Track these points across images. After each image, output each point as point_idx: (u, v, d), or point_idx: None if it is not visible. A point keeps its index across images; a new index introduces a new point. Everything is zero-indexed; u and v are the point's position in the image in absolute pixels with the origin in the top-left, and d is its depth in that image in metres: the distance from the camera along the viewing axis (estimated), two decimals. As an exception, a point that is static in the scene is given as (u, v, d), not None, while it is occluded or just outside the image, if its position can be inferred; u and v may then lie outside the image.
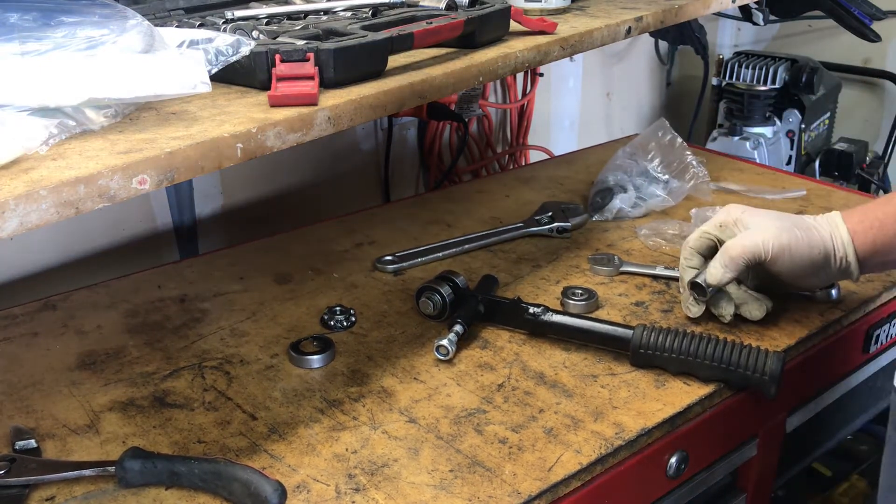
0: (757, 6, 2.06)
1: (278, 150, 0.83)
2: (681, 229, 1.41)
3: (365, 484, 0.88)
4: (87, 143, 0.75)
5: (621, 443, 0.94)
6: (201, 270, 1.35)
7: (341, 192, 1.86)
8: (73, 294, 1.28)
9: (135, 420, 0.99)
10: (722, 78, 2.33)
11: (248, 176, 1.69)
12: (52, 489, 0.88)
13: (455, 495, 0.87)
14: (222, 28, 0.97)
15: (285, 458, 0.92)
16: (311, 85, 0.87)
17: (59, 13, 0.77)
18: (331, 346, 1.11)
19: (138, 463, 0.87)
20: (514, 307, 1.15)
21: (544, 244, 1.42)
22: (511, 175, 1.80)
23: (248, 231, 1.60)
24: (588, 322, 1.11)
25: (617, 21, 1.27)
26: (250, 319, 1.20)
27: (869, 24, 2.06)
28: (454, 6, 1.12)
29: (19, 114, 0.72)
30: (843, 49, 2.54)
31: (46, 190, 0.66)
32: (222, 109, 0.85)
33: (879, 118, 2.61)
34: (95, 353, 1.13)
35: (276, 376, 1.07)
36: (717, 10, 1.55)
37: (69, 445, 0.95)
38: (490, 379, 1.06)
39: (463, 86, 1.05)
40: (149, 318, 1.21)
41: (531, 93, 2.14)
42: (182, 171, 0.75)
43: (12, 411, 1.01)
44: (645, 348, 1.05)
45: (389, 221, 1.51)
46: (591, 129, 2.47)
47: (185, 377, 1.07)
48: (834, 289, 1.21)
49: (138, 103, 0.83)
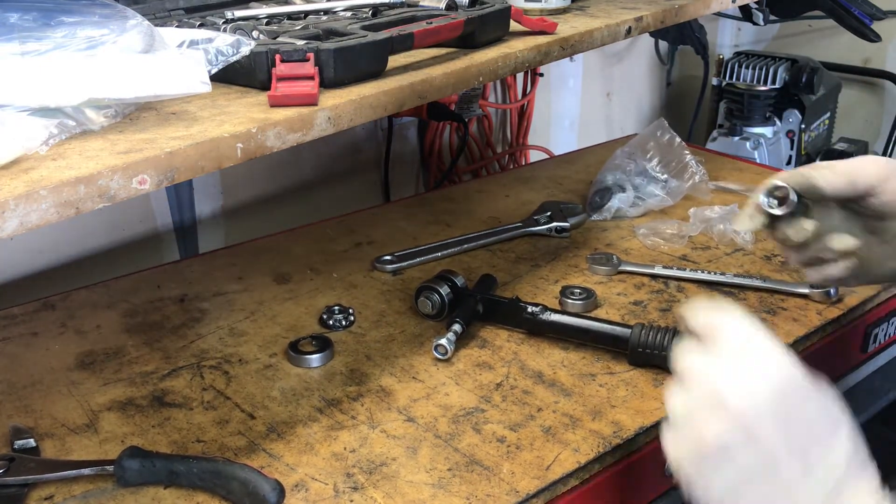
0: (757, 6, 2.06)
1: (278, 150, 0.83)
2: (679, 229, 1.41)
3: (363, 483, 0.89)
4: (87, 143, 0.75)
5: (619, 441, 0.95)
6: (201, 270, 1.35)
7: (341, 192, 1.86)
8: (72, 294, 1.28)
9: (134, 419, 0.99)
10: (722, 78, 2.33)
11: (248, 176, 1.69)
12: (51, 488, 0.88)
13: (453, 494, 0.87)
14: (222, 28, 0.98)
15: (284, 457, 0.93)
16: (311, 85, 0.87)
17: (59, 13, 0.77)
18: (329, 345, 1.11)
19: (137, 462, 0.87)
20: (512, 306, 1.15)
21: (543, 244, 1.42)
22: (511, 175, 1.80)
23: (248, 231, 1.60)
24: (586, 321, 1.12)
25: (617, 21, 1.27)
26: (249, 319, 1.20)
27: (869, 24, 2.06)
28: (454, 6, 1.12)
29: (19, 114, 0.73)
30: (843, 49, 2.54)
31: (46, 190, 0.66)
32: (222, 109, 0.85)
33: (879, 118, 2.61)
34: (94, 353, 1.13)
35: (275, 376, 1.07)
36: (717, 10, 1.56)
37: (68, 445, 0.95)
38: (488, 378, 1.06)
39: (463, 86, 1.05)
40: (148, 318, 1.21)
41: (531, 93, 2.14)
42: (182, 171, 0.75)
43: (11, 411, 1.01)
44: (643, 347, 1.05)
45: (389, 221, 1.51)
46: (591, 129, 2.48)
47: (184, 377, 1.07)
48: (832, 288, 1.21)
49: (138, 103, 0.83)
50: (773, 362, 0.64)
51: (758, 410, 0.62)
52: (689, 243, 1.40)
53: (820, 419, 0.63)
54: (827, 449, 0.62)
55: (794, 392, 0.63)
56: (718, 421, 0.62)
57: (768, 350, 0.65)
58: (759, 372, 0.64)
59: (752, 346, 0.66)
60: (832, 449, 0.62)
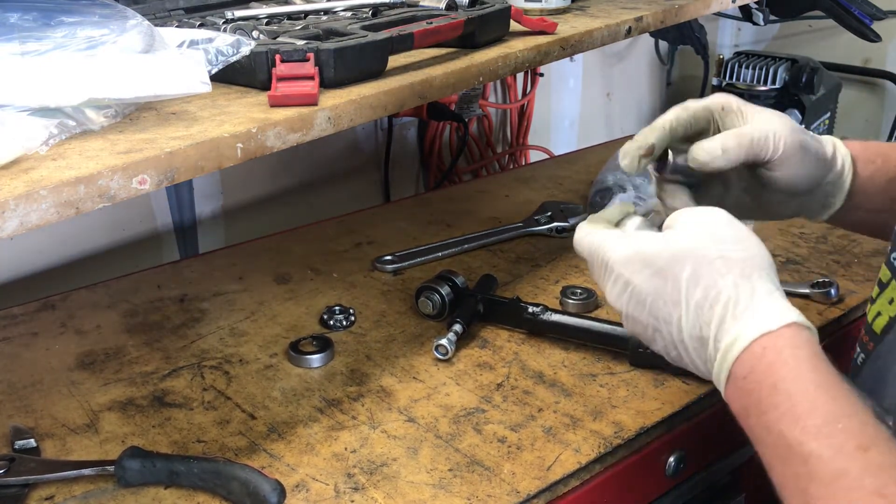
0: (757, 6, 2.06)
1: (278, 150, 0.83)
2: (680, 229, 1.41)
3: (364, 483, 0.89)
4: (87, 143, 0.75)
5: (620, 442, 0.95)
6: (201, 270, 1.35)
7: (341, 192, 1.86)
8: (72, 294, 1.28)
9: (134, 419, 0.99)
10: (722, 78, 2.32)
11: (248, 176, 1.69)
12: (52, 488, 0.88)
13: (454, 494, 0.87)
14: (222, 28, 0.98)
15: (284, 457, 0.93)
16: (311, 85, 0.87)
17: (59, 13, 0.77)
18: (330, 345, 1.11)
19: (137, 462, 0.87)
20: (513, 307, 1.15)
21: (543, 244, 1.42)
22: (511, 175, 1.80)
23: (248, 231, 1.60)
24: (587, 321, 1.12)
25: (617, 21, 1.27)
26: (249, 319, 1.20)
27: (869, 24, 2.06)
28: (454, 6, 1.12)
29: (19, 114, 0.73)
30: (843, 49, 2.54)
31: (46, 190, 0.66)
32: (222, 109, 0.85)
33: (879, 118, 2.61)
34: (95, 353, 1.13)
35: (276, 376, 1.07)
36: (717, 10, 1.56)
37: (68, 445, 0.95)
38: (489, 378, 1.06)
39: (463, 86, 1.05)
40: (148, 318, 1.21)
41: (531, 93, 2.14)
42: (182, 171, 0.75)
43: (12, 411, 1.01)
44: (644, 347, 1.05)
45: (389, 221, 1.51)
46: (591, 129, 2.47)
47: (185, 377, 1.07)
48: (832, 287, 1.21)
49: (138, 103, 0.83)
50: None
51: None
52: (689, 243, 1.40)
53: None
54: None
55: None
56: (611, 282, 0.80)
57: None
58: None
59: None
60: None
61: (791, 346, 0.70)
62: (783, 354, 0.70)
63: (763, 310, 0.72)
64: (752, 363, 0.70)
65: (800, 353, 0.70)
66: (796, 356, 0.70)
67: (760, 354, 0.70)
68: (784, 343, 0.70)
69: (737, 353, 0.71)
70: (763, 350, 0.70)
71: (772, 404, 0.68)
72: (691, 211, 0.81)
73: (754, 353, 0.70)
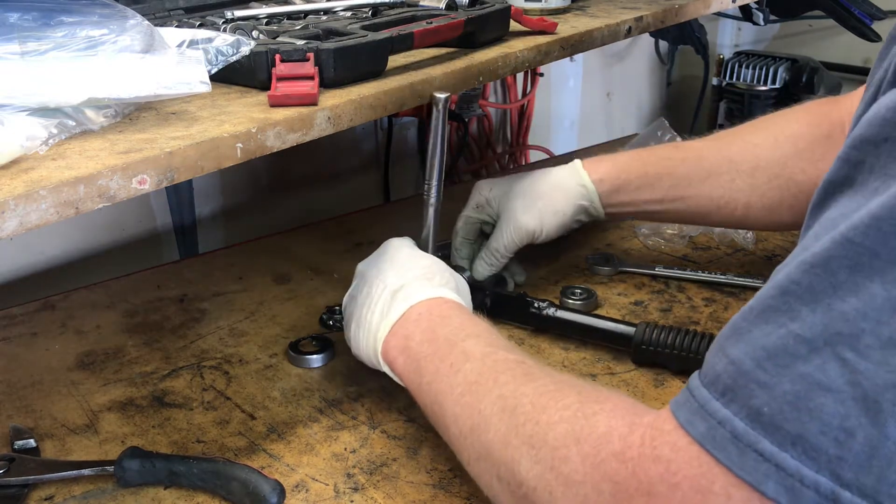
0: (757, 6, 2.06)
1: (278, 150, 0.83)
2: (680, 229, 1.41)
3: (364, 483, 0.88)
4: (87, 143, 0.75)
5: (620, 443, 0.94)
6: (201, 270, 1.35)
7: (341, 191, 1.86)
8: (72, 294, 1.28)
9: (134, 420, 0.99)
10: (722, 78, 2.33)
11: (248, 176, 1.69)
12: (51, 488, 0.88)
13: (454, 494, 0.87)
14: (222, 28, 0.98)
15: (284, 457, 0.93)
16: (311, 85, 0.87)
17: (59, 13, 0.77)
18: (330, 345, 1.11)
19: (137, 462, 0.87)
20: (520, 301, 1.15)
21: (543, 244, 1.41)
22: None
23: (247, 231, 1.60)
24: (591, 318, 1.12)
25: (617, 21, 1.27)
26: (249, 319, 1.20)
27: (869, 24, 2.06)
28: (454, 6, 1.12)
29: (19, 114, 0.72)
30: (843, 49, 2.54)
31: (46, 190, 0.66)
32: (222, 109, 0.85)
33: (879, 118, 2.60)
34: (94, 353, 1.13)
35: (275, 376, 1.07)
36: (717, 10, 1.56)
37: (68, 445, 0.95)
38: (489, 379, 1.06)
39: (463, 86, 1.05)
40: (148, 318, 1.21)
41: (531, 93, 2.14)
42: (182, 171, 0.75)
43: (11, 411, 1.01)
44: (647, 344, 1.05)
45: (389, 221, 1.51)
46: (591, 129, 2.48)
47: (184, 377, 1.07)
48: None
49: (138, 103, 0.83)
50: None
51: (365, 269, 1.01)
52: (689, 244, 1.40)
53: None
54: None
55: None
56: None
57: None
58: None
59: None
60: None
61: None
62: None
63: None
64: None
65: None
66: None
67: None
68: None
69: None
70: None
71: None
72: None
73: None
